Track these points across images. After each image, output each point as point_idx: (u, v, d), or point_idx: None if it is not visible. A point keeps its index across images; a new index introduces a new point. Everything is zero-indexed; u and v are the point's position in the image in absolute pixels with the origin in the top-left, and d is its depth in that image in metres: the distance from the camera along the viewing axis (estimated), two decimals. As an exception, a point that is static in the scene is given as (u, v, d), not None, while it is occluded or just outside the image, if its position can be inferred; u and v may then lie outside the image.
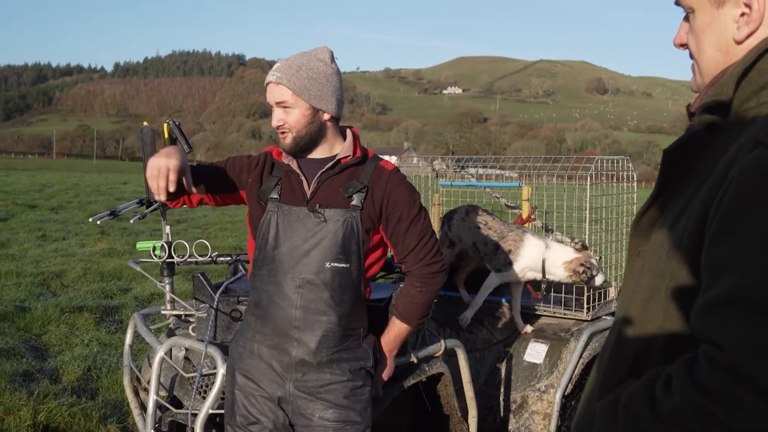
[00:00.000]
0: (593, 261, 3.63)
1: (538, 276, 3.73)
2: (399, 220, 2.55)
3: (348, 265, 2.49)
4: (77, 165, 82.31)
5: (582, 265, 3.59)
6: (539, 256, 3.66)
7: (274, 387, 2.52)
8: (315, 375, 2.51)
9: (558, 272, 3.66)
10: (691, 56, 1.42)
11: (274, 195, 2.56)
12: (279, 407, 2.53)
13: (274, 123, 2.52)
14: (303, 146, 2.54)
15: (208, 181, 2.66)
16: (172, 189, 2.37)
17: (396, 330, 2.69)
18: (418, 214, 2.58)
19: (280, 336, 2.51)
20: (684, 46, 1.44)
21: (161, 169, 2.35)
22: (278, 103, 2.49)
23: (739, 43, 1.31)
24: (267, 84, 2.52)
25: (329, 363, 2.52)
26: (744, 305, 1.02)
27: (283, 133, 2.52)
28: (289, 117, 2.49)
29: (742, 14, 1.30)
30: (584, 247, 3.68)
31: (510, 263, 3.68)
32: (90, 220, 3.36)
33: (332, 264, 2.47)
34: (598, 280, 3.66)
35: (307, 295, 2.47)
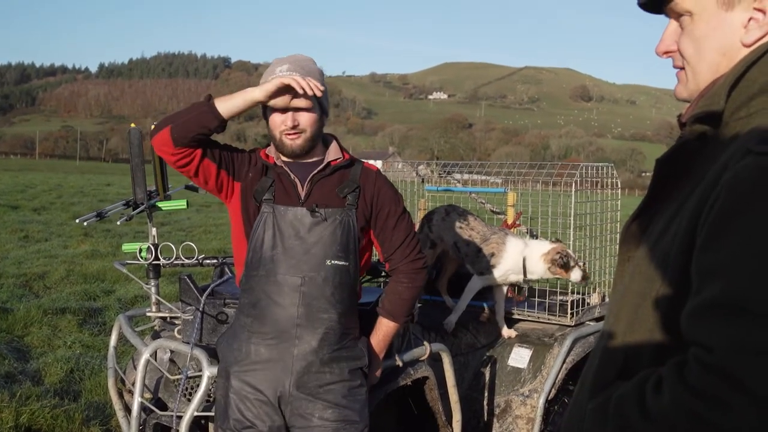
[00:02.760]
0: (570, 252, 3.67)
1: (520, 277, 3.76)
2: (387, 216, 2.63)
3: (347, 263, 2.54)
4: (60, 166, 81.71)
5: (558, 253, 3.63)
6: (520, 257, 3.69)
7: (273, 388, 2.52)
8: (315, 375, 2.53)
9: (538, 267, 3.68)
10: (676, 64, 1.43)
11: (268, 196, 2.57)
12: (277, 410, 2.53)
13: (289, 123, 2.50)
14: (310, 147, 2.58)
15: (224, 153, 2.58)
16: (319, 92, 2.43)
17: (384, 329, 2.72)
18: (403, 213, 2.69)
19: (280, 335, 2.52)
20: (668, 53, 1.45)
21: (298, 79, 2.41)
22: (297, 103, 2.49)
23: (747, 46, 1.31)
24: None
25: (329, 362, 2.54)
26: (733, 309, 1.05)
27: (296, 134, 2.53)
28: (302, 118, 2.51)
29: (751, 19, 1.30)
30: (558, 241, 3.75)
31: (493, 266, 3.70)
32: (77, 221, 3.36)
33: (333, 262, 2.51)
34: (576, 274, 3.68)
35: (309, 292, 2.50)
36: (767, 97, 1.24)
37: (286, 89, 2.43)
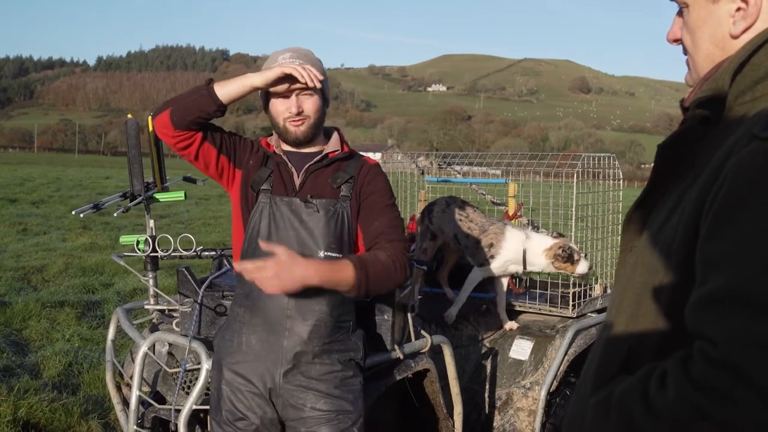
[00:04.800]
0: (572, 245, 3.65)
1: (520, 269, 3.73)
2: (373, 203, 2.55)
3: (340, 255, 2.49)
4: (59, 159, 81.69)
5: (561, 248, 3.62)
6: (520, 248, 3.67)
7: (263, 380, 2.50)
8: (305, 366, 2.50)
9: (539, 261, 3.66)
10: (685, 51, 1.41)
11: (266, 186, 2.55)
12: (268, 402, 2.51)
13: (294, 110, 2.48)
14: (314, 135, 2.55)
15: (224, 138, 2.57)
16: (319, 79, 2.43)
17: (339, 265, 2.36)
18: (392, 206, 2.60)
19: (271, 326, 2.49)
20: (678, 41, 1.43)
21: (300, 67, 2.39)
22: (298, 90, 2.47)
23: (735, 37, 1.31)
24: None
25: (320, 354, 2.51)
26: (738, 301, 1.02)
27: (300, 120, 2.50)
28: (306, 104, 2.49)
29: (738, 9, 1.29)
30: (560, 236, 3.72)
31: (492, 257, 3.68)
32: (73, 212, 3.33)
33: (325, 253, 2.47)
34: (583, 266, 3.67)
35: None
36: None
37: (287, 77, 2.42)
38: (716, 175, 1.13)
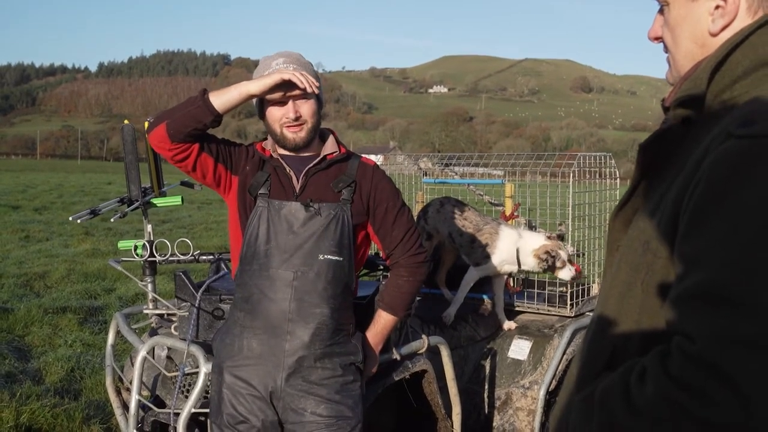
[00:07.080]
0: (562, 252, 3.63)
1: (515, 268, 3.73)
2: (386, 212, 2.61)
3: (341, 259, 2.52)
4: (61, 165, 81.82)
5: (546, 252, 3.60)
6: (513, 247, 3.67)
7: (264, 383, 2.51)
8: (307, 370, 2.51)
9: (529, 260, 3.66)
10: (666, 49, 1.43)
11: (264, 191, 2.56)
12: (269, 405, 2.52)
13: (291, 115, 2.50)
14: (311, 139, 2.58)
15: (220, 147, 2.57)
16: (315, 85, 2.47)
17: (382, 322, 2.72)
18: (402, 207, 2.67)
19: (272, 330, 2.50)
20: (658, 39, 1.45)
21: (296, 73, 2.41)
22: (295, 95, 2.48)
23: (714, 35, 1.32)
24: None
25: (321, 357, 2.52)
26: (714, 297, 1.03)
27: (298, 126, 2.53)
28: (303, 108, 2.51)
29: (717, 7, 1.30)
30: (560, 238, 3.70)
31: (487, 256, 3.68)
32: (70, 218, 3.35)
33: (326, 256, 2.48)
34: (565, 273, 3.66)
35: (302, 287, 2.47)
36: (750, 81, 1.22)
37: (284, 83, 2.42)
38: (693, 173, 1.14)
